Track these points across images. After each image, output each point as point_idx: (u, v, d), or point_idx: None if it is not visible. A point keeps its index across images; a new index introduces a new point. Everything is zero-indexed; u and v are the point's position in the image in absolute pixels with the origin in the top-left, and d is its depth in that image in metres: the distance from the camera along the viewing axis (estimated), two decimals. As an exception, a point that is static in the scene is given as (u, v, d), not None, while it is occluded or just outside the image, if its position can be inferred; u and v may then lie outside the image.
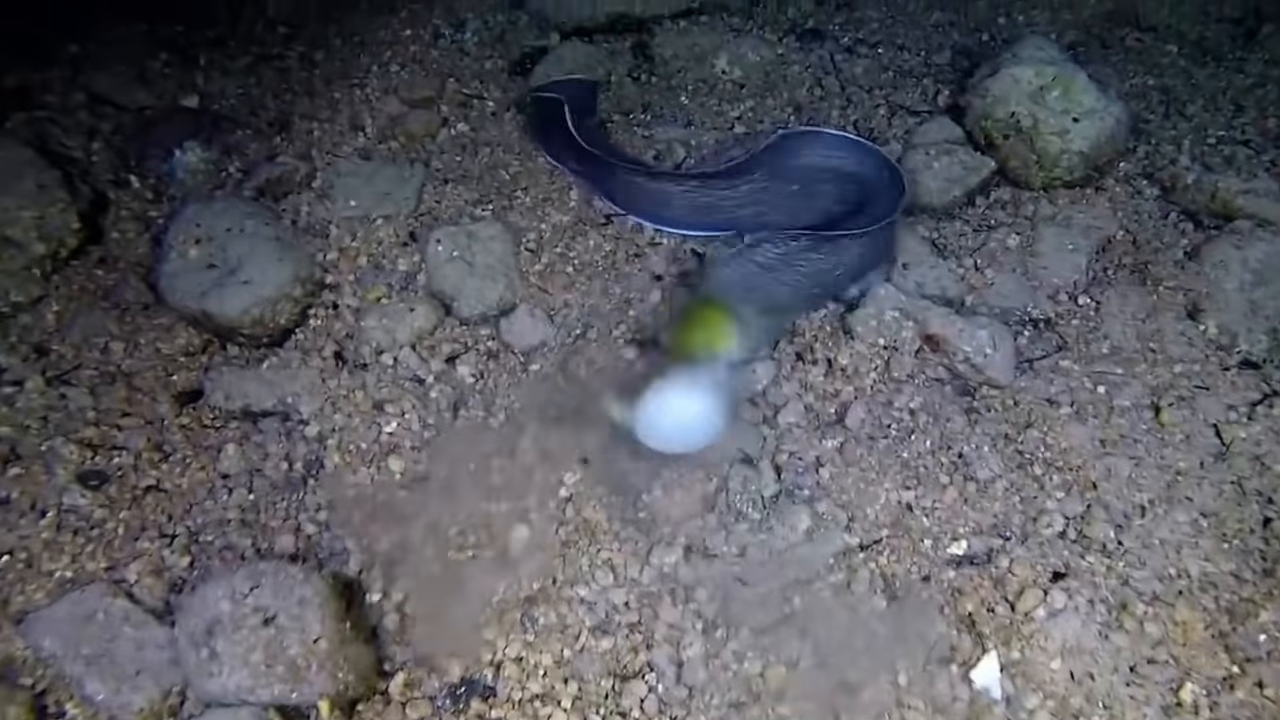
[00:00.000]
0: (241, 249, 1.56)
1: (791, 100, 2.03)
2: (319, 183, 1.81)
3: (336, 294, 1.59)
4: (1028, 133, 1.70)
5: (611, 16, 2.25)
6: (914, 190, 1.69)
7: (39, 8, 2.21)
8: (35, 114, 2.01)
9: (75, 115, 2.03)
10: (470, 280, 1.58)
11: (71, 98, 2.07)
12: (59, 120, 2.02)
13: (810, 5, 2.32)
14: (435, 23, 2.32)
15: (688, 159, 1.87)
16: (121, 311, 1.63)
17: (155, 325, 1.59)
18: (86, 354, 1.55)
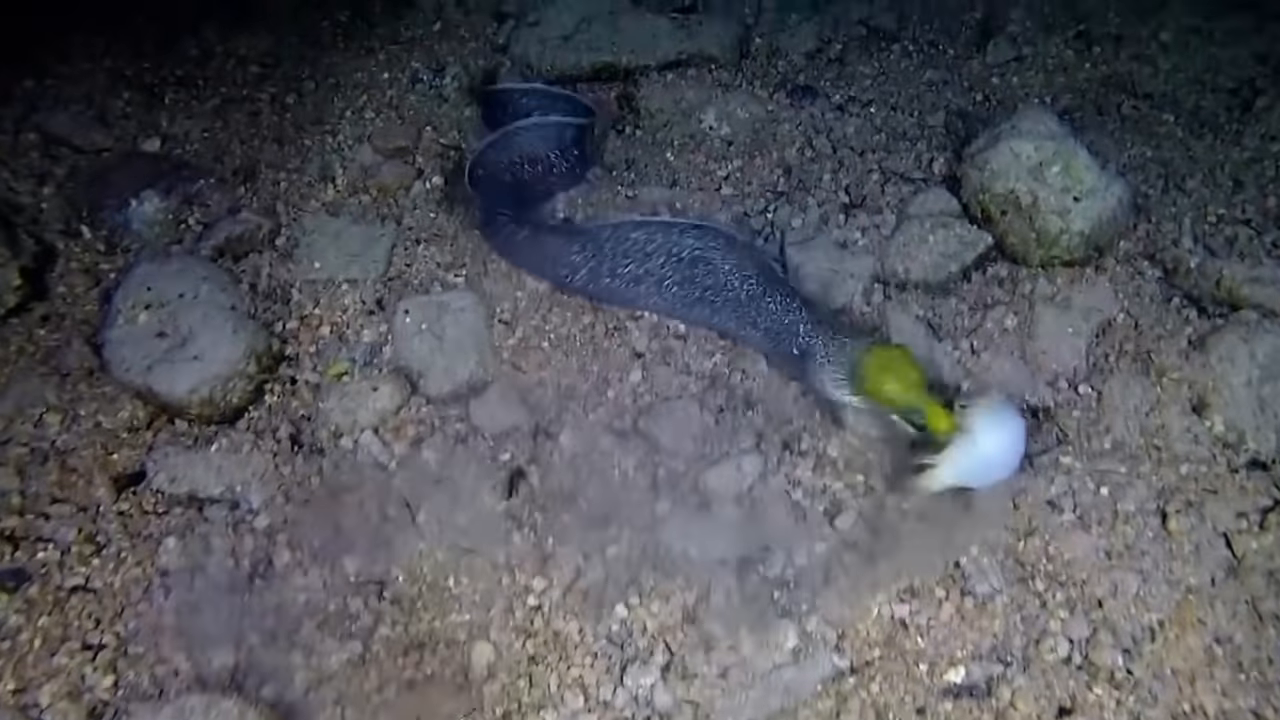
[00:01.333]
0: (194, 318, 1.43)
1: (781, 161, 1.92)
2: (283, 241, 1.67)
3: (295, 368, 1.46)
4: (1027, 210, 1.60)
5: (596, 66, 2.13)
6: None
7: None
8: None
9: (26, 157, 1.89)
10: (439, 356, 1.45)
11: (23, 138, 1.92)
12: (7, 162, 1.87)
13: (801, 60, 2.22)
14: (414, 65, 2.20)
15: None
16: (62, 378, 1.48)
17: (97, 395, 1.45)
18: (18, 427, 1.41)
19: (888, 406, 1.30)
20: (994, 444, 1.24)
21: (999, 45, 2.21)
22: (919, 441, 1.30)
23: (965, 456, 1.24)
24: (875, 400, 1.30)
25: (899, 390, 1.27)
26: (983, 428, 1.24)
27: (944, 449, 1.25)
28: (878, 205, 1.76)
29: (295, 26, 2.31)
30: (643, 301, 1.54)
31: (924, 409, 1.26)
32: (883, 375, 1.28)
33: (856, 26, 2.33)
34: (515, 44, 2.20)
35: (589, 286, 1.53)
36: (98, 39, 2.19)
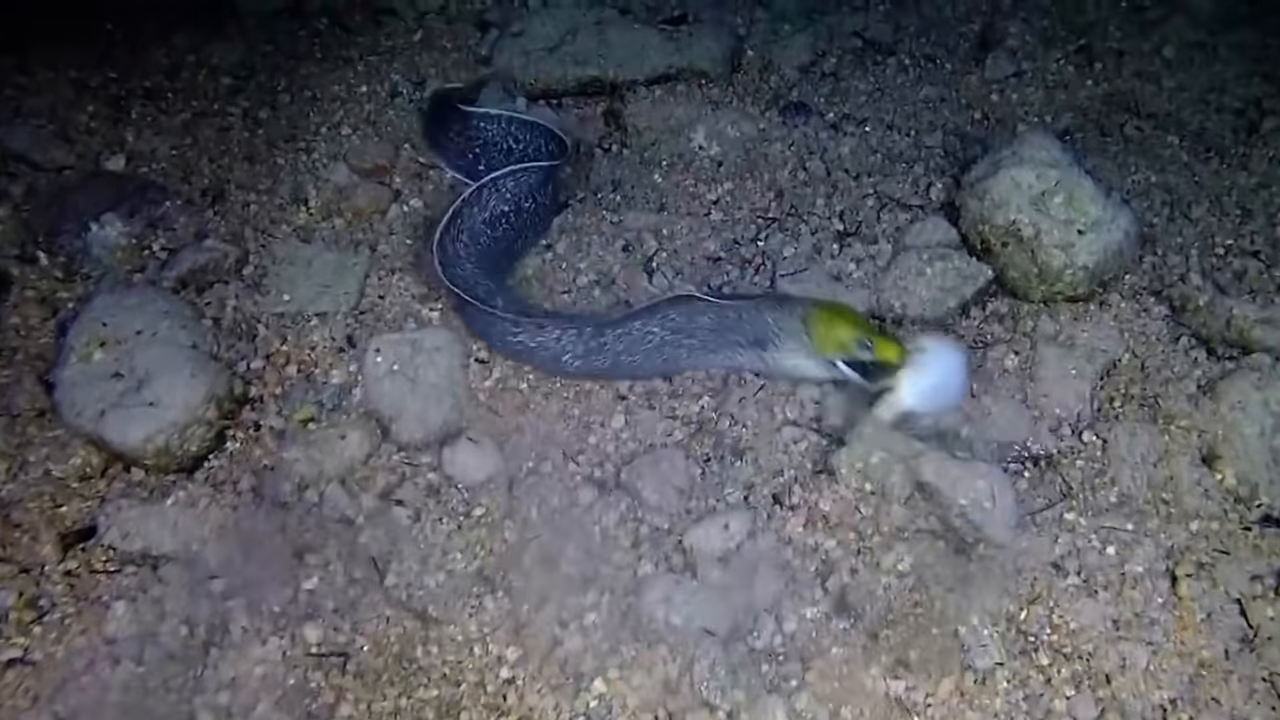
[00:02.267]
0: (151, 358, 1.32)
1: (773, 183, 1.81)
2: (251, 270, 1.57)
3: (259, 412, 1.35)
4: (1029, 243, 1.50)
5: (582, 80, 2.02)
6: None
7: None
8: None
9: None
10: (411, 400, 1.35)
11: (-20, 154, 1.82)
12: (-38, 183, 1.77)
13: (794, 74, 2.11)
14: (394, 78, 2.09)
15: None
16: (11, 420, 1.38)
17: (48, 439, 1.35)
18: (-43, 480, 1.31)
19: (840, 351, 1.35)
20: (941, 367, 1.33)
21: (998, 60, 2.11)
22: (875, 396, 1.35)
23: (917, 379, 1.32)
24: (829, 348, 1.36)
25: (848, 329, 1.35)
26: (930, 354, 1.33)
27: (897, 378, 1.32)
28: (873, 234, 1.66)
29: (270, 34, 2.19)
30: (640, 373, 1.45)
31: (873, 340, 1.34)
32: (831, 323, 1.36)
33: (851, 38, 2.22)
34: (498, 55, 2.09)
35: (587, 369, 1.43)
36: (62, 46, 2.07)
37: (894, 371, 1.32)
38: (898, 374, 1.32)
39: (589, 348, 1.38)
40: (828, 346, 1.36)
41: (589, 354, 1.38)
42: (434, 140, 1.85)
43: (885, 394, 1.33)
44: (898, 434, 1.32)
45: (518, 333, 1.39)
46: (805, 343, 1.37)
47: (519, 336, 1.39)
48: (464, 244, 1.50)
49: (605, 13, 2.15)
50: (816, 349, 1.37)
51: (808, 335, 1.37)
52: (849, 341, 1.34)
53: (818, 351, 1.37)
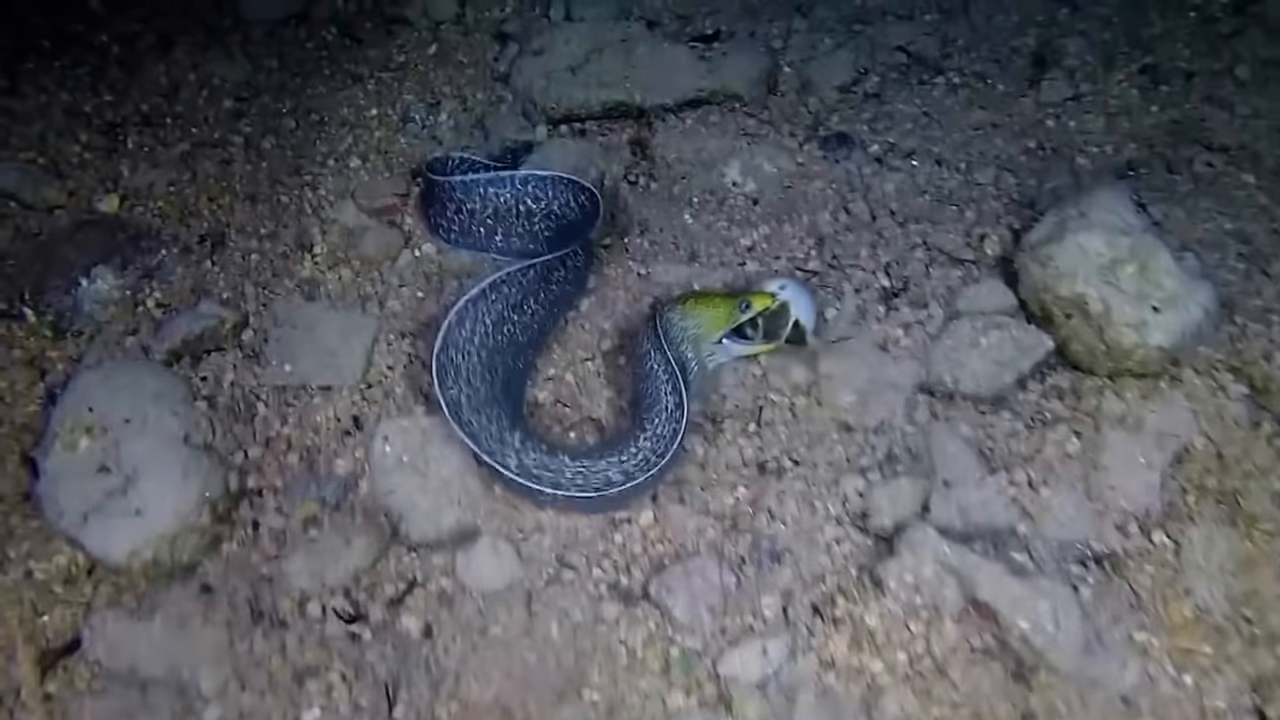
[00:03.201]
0: (140, 453, 1.20)
1: (813, 228, 1.66)
2: (250, 335, 1.44)
3: (258, 509, 1.23)
4: (1096, 319, 1.35)
5: (608, 105, 1.87)
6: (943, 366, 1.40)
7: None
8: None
9: (-31, 217, 1.66)
10: (422, 496, 1.23)
11: (-33, 192, 1.69)
12: (-54, 225, 1.64)
13: (834, 96, 1.94)
14: (406, 99, 1.94)
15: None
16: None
17: (31, 532, 1.23)
18: (-64, 576, 1.20)
19: (728, 325, 1.38)
20: (797, 287, 1.43)
21: (1054, 82, 1.93)
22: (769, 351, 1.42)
23: (797, 302, 1.40)
24: (718, 328, 1.38)
25: (723, 302, 1.39)
26: (785, 286, 1.42)
27: (783, 316, 1.39)
28: (922, 294, 1.51)
29: (275, 47, 2.04)
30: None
31: (750, 300, 1.38)
32: (705, 310, 1.39)
33: (895, 53, 2.04)
34: (517, 75, 1.93)
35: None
36: (54, 64, 1.93)
37: (777, 315, 1.39)
38: (785, 312, 1.39)
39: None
40: (716, 327, 1.38)
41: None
42: (434, 224, 1.62)
43: (784, 328, 1.39)
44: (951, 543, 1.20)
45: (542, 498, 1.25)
46: (695, 336, 1.38)
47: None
48: (471, 359, 1.30)
49: (632, 27, 1.98)
50: (707, 336, 1.38)
51: (696, 324, 1.38)
52: (729, 312, 1.38)
53: (707, 338, 1.38)
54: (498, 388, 1.28)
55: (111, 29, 2.03)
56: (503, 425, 1.23)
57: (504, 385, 1.30)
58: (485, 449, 1.21)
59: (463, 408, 1.24)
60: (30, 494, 1.27)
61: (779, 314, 1.39)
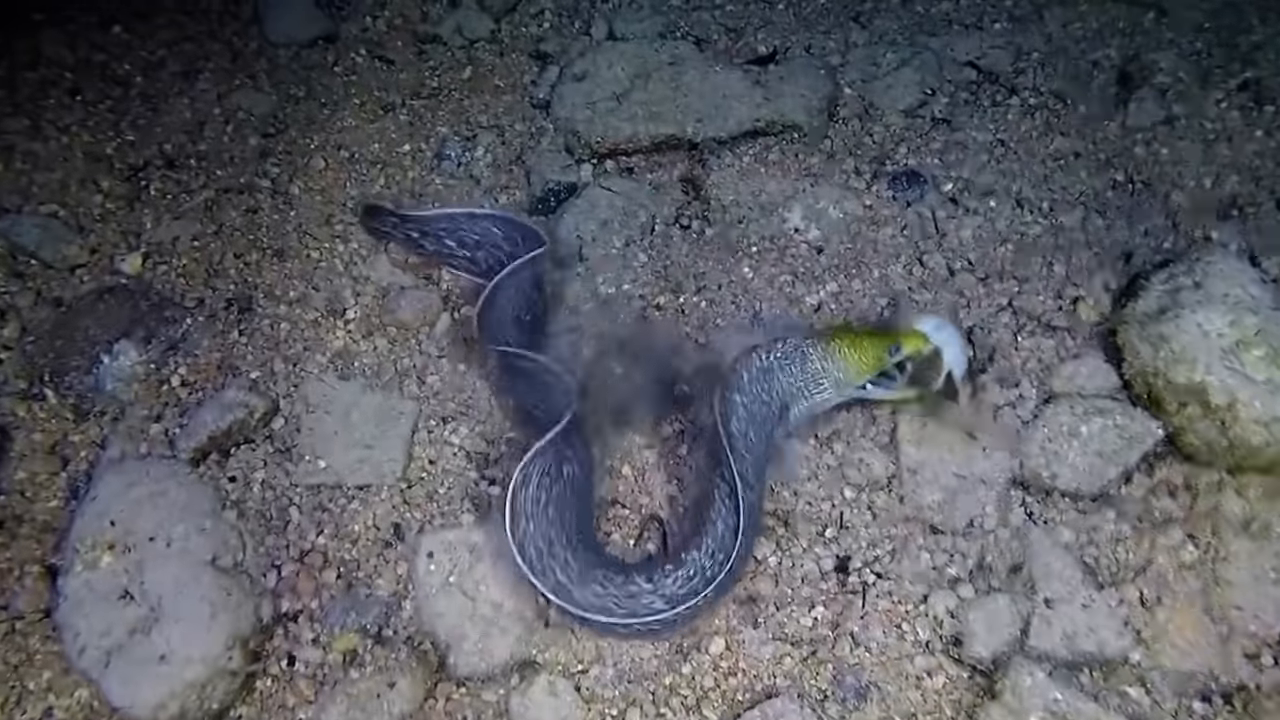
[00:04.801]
0: (165, 580, 1.05)
1: (884, 284, 1.46)
2: (281, 425, 1.28)
3: (293, 640, 1.08)
4: (1218, 412, 1.15)
5: (657, 138, 1.66)
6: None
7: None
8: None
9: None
10: (472, 624, 1.08)
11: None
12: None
13: (900, 122, 1.72)
14: (440, 131, 1.74)
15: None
16: (10, 626, 1.13)
17: (52, 657, 1.09)
18: (-51, 712, 1.07)
19: (875, 369, 1.21)
20: (950, 330, 1.24)
21: (1143, 102, 1.69)
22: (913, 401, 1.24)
23: (951, 348, 1.22)
24: (865, 372, 1.20)
25: (874, 342, 1.20)
26: (938, 326, 1.24)
27: (935, 363, 1.22)
28: (1013, 369, 1.31)
29: (302, 74, 1.85)
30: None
31: (901, 342, 1.20)
32: (858, 346, 1.20)
33: (964, 69, 1.81)
34: (558, 103, 1.72)
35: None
36: (76, 99, 1.76)
37: (932, 357, 1.21)
38: (931, 359, 1.21)
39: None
40: (864, 372, 1.20)
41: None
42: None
43: (945, 377, 1.21)
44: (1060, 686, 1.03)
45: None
46: (837, 379, 1.20)
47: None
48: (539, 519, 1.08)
49: (680, 48, 1.76)
50: (851, 380, 1.20)
51: (840, 369, 1.20)
52: (882, 356, 1.20)
53: (852, 382, 1.21)
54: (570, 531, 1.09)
55: (134, 57, 1.84)
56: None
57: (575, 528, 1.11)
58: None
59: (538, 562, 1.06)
60: (51, 610, 1.14)
61: (931, 360, 1.21)
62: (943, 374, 1.21)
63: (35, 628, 1.13)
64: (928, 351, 1.20)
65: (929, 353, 1.20)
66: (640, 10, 1.89)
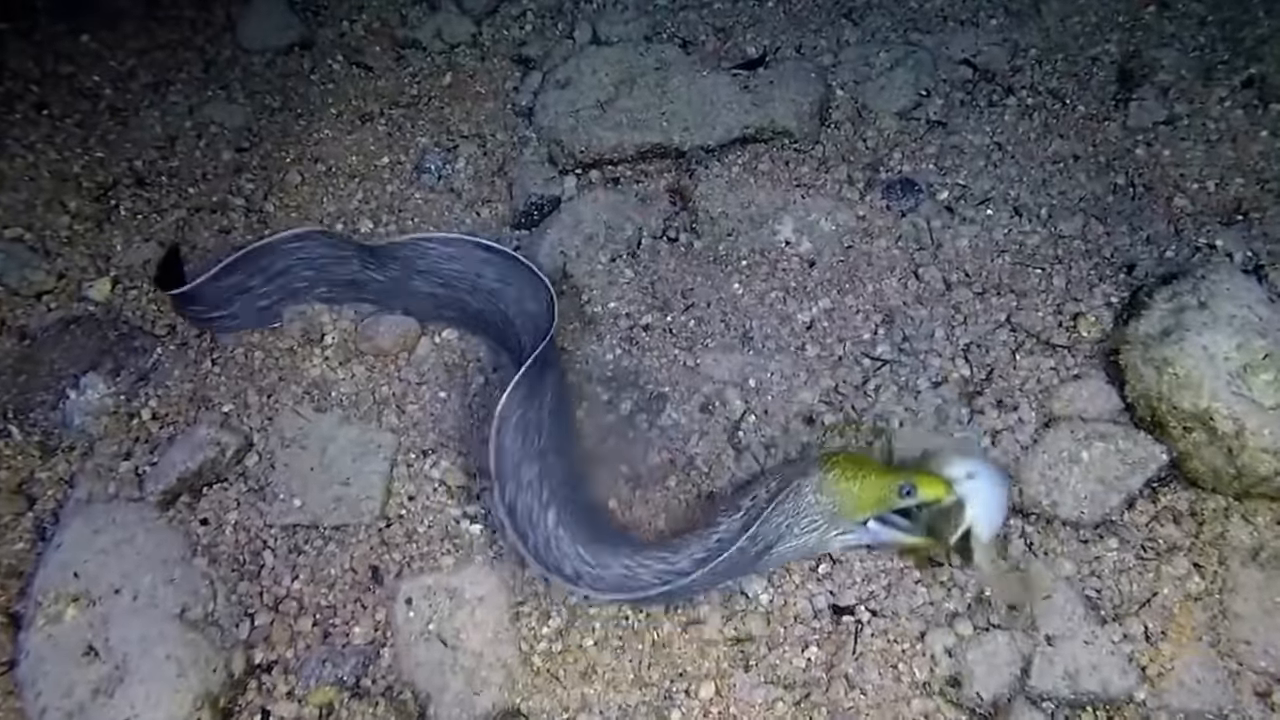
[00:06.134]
0: (130, 636, 1.00)
1: (879, 300, 1.40)
2: (254, 462, 1.22)
3: (266, 695, 1.03)
4: (1225, 439, 1.10)
5: (643, 148, 1.59)
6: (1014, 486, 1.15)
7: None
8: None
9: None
10: (452, 675, 1.03)
11: (-55, 278, 1.47)
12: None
13: (894, 125, 1.65)
14: (420, 141, 1.68)
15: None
16: (-22, 681, 1.09)
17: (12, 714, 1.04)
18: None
19: (879, 507, 1.05)
20: (990, 481, 1.07)
21: (1144, 102, 1.62)
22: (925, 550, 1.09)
23: (979, 502, 1.05)
24: (866, 508, 1.05)
25: (882, 478, 1.05)
26: (977, 473, 1.07)
27: (955, 515, 1.05)
28: (1011, 391, 1.25)
29: (278, 82, 1.77)
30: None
31: (913, 482, 1.05)
32: (861, 478, 1.05)
33: (960, 67, 1.74)
34: (541, 111, 1.65)
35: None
36: (42, 114, 1.69)
37: (950, 508, 1.04)
38: (960, 512, 1.04)
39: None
40: (862, 509, 1.05)
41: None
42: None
43: (963, 537, 1.05)
44: None
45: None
46: (831, 513, 1.05)
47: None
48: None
49: (666, 51, 1.69)
50: (848, 514, 1.05)
51: (834, 503, 1.05)
52: (887, 494, 1.04)
53: (849, 517, 1.05)
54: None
55: (103, 67, 1.77)
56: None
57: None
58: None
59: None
60: (14, 663, 1.09)
61: (950, 512, 1.05)
62: (959, 529, 1.04)
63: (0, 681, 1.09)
64: (948, 503, 1.05)
65: (950, 504, 1.05)
66: (625, 11, 1.82)
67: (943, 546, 1.07)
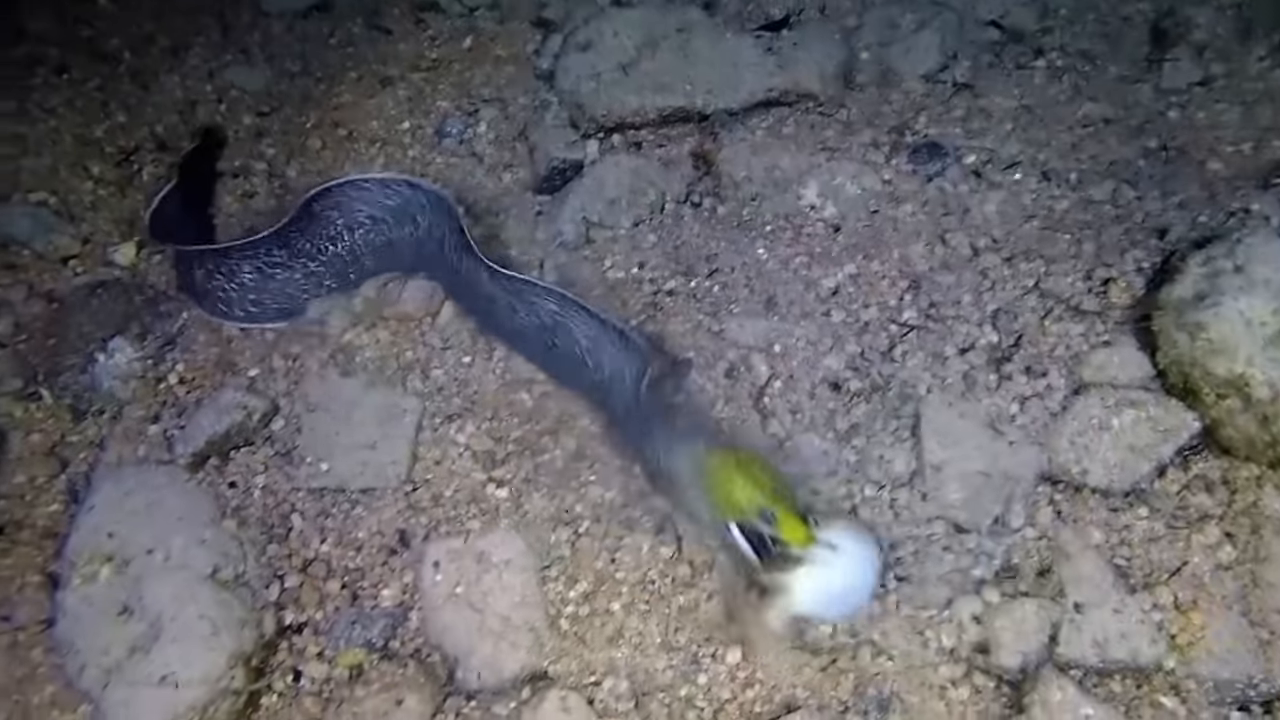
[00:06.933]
0: (164, 595, 1.00)
1: (905, 266, 1.36)
2: (281, 426, 1.21)
3: (297, 654, 1.03)
4: (1260, 406, 1.07)
5: (665, 111, 1.56)
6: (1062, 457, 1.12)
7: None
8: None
9: (-24, 273, 1.43)
10: (480, 638, 1.02)
11: (-28, 238, 1.46)
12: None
13: (919, 89, 1.60)
14: (441, 105, 1.65)
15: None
16: (13, 639, 1.09)
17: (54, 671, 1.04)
18: (-47, 731, 1.03)
19: (736, 515, 1.00)
20: (850, 570, 0.99)
21: (1177, 62, 1.57)
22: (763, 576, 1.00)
23: (820, 580, 0.97)
24: (725, 508, 1.00)
25: (751, 491, 0.99)
26: (840, 554, 0.98)
27: (795, 568, 0.97)
28: (1039, 357, 1.22)
29: (297, 46, 1.75)
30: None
31: (777, 513, 0.98)
32: (733, 479, 1.00)
33: (987, 29, 1.69)
34: (563, 74, 1.62)
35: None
36: (63, 78, 1.67)
37: (794, 558, 0.97)
38: (796, 566, 0.97)
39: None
40: (722, 504, 1.01)
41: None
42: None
43: (776, 592, 0.99)
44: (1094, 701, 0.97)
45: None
46: (701, 494, 1.03)
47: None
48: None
49: (689, 13, 1.65)
50: (711, 504, 1.02)
51: (703, 487, 1.02)
52: (748, 507, 0.99)
53: (712, 505, 1.02)
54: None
55: (123, 31, 1.75)
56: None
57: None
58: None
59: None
60: (52, 621, 1.09)
61: (791, 561, 0.97)
62: (783, 581, 0.98)
63: (36, 640, 1.08)
64: (796, 551, 0.97)
65: (795, 554, 0.97)
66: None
67: (772, 577, 0.99)
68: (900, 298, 1.34)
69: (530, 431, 1.20)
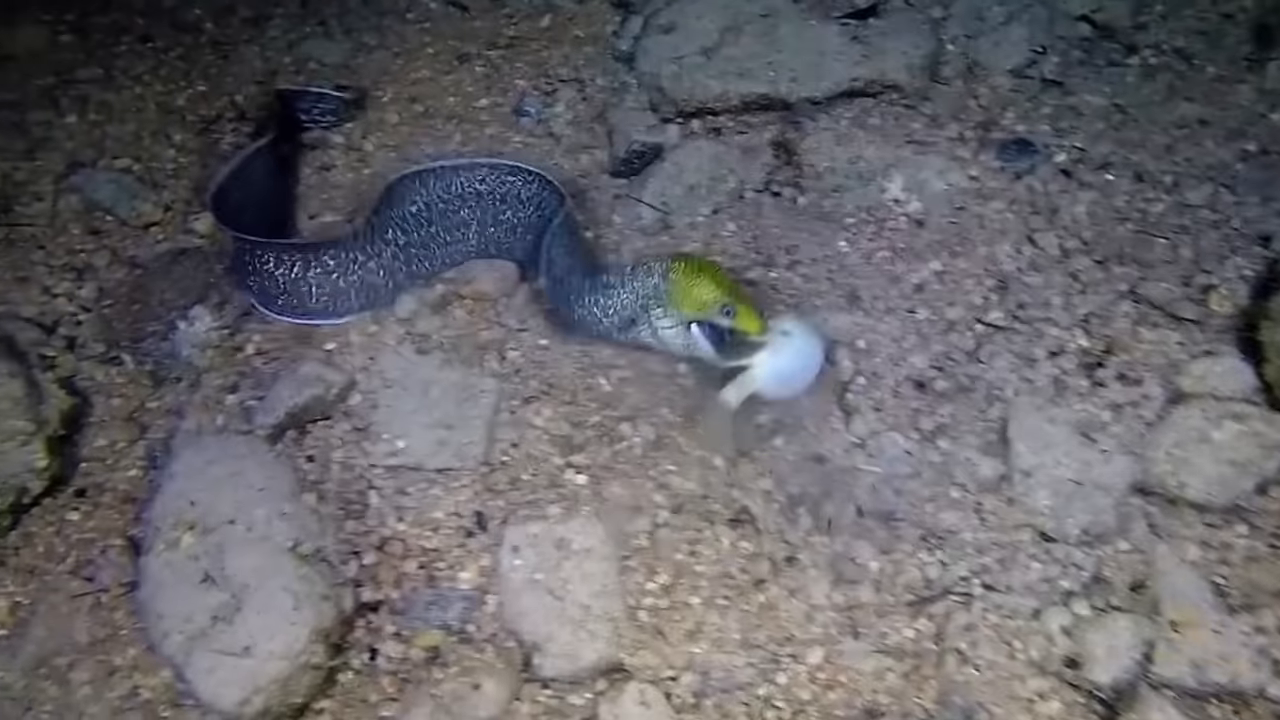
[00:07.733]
0: (246, 565, 0.99)
1: (992, 265, 1.31)
2: (358, 400, 1.18)
3: (374, 633, 1.01)
4: (1381, 425, 1.02)
5: (747, 99, 1.51)
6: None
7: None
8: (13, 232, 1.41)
9: (65, 234, 1.40)
10: (558, 625, 0.99)
11: (62, 204, 1.44)
12: (45, 245, 1.40)
13: (1007, 83, 1.54)
14: (519, 83, 1.61)
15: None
16: (96, 601, 1.08)
17: (136, 634, 1.03)
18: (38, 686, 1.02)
19: (699, 312, 1.13)
20: (801, 352, 1.11)
21: (1279, 62, 1.51)
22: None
23: (775, 361, 1.10)
24: (687, 306, 1.14)
25: (712, 289, 1.13)
26: (792, 337, 1.12)
27: (752, 354, 1.11)
28: (1134, 366, 1.17)
29: (374, 21, 1.72)
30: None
31: (736, 305, 1.12)
32: (695, 279, 1.14)
33: (1078, 24, 1.62)
34: (643, 57, 1.57)
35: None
36: (147, 47, 1.66)
37: (750, 348, 1.11)
38: (754, 352, 1.11)
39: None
40: (686, 305, 1.14)
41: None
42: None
43: (738, 372, 1.11)
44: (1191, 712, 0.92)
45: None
46: (667, 300, 1.15)
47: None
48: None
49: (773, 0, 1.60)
50: (674, 306, 1.15)
51: (668, 292, 1.15)
52: (710, 303, 1.12)
53: (675, 309, 1.15)
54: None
55: (204, 2, 1.73)
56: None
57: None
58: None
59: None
60: (134, 583, 1.08)
61: (748, 349, 1.11)
62: (743, 364, 1.10)
63: (119, 603, 1.07)
64: (753, 341, 1.10)
65: (753, 343, 1.10)
66: (730, -45, 1.72)
67: (729, 369, 1.11)
68: (986, 297, 1.28)
69: (608, 417, 1.17)
